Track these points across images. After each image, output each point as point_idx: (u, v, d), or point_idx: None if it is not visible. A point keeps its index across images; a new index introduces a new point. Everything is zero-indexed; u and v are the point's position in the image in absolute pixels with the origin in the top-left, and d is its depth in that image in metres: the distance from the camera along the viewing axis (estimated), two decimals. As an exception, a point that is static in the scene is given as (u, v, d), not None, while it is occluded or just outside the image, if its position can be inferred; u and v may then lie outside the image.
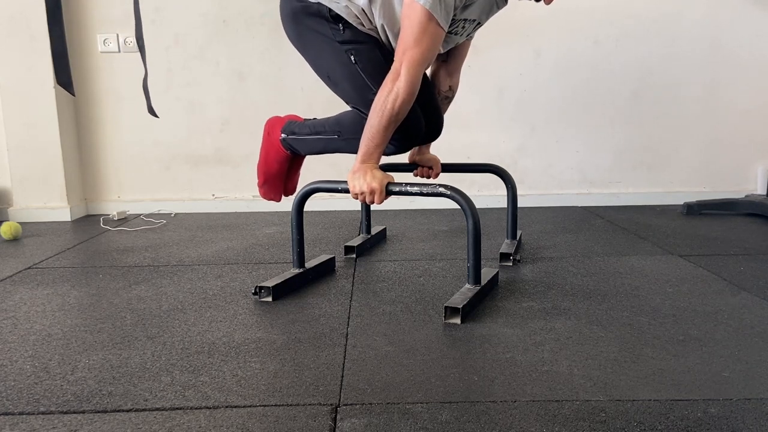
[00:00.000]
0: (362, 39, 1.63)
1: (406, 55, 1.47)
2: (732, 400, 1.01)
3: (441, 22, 1.47)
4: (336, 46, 1.63)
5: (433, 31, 1.47)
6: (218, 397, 1.05)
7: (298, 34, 1.71)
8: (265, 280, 1.63)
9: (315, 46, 1.68)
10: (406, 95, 1.48)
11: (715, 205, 2.65)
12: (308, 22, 1.66)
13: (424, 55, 1.48)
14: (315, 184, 1.63)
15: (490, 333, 1.31)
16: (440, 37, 1.51)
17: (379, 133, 1.51)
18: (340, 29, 1.62)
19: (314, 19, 1.65)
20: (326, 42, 1.64)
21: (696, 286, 1.62)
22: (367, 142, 1.53)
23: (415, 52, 1.47)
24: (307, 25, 1.67)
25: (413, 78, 1.48)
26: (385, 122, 1.49)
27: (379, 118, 1.49)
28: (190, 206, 2.87)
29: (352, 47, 1.62)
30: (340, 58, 1.63)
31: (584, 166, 2.89)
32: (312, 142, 1.77)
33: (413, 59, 1.47)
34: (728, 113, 2.86)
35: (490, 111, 2.84)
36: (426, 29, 1.46)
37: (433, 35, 1.48)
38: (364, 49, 1.62)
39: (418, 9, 1.45)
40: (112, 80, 2.77)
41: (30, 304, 1.55)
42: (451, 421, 0.96)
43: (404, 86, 1.47)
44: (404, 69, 1.47)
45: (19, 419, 0.99)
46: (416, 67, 1.48)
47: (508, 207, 2.04)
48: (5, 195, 2.77)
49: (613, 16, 2.77)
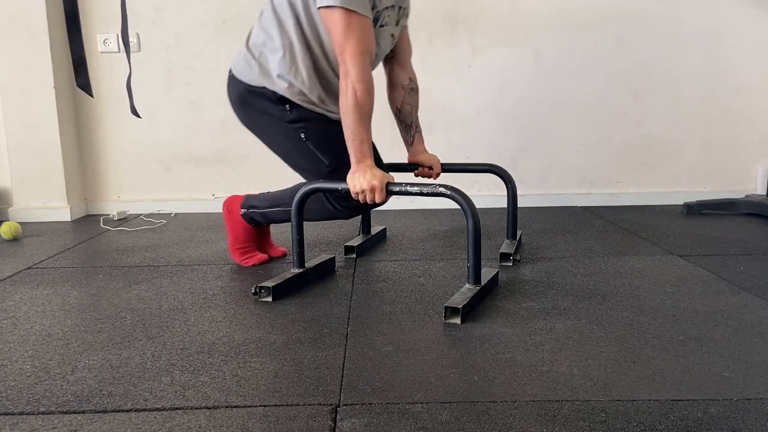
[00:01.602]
0: (310, 117, 1.70)
1: (345, 52, 1.53)
2: (732, 400, 1.01)
3: (360, 10, 1.53)
4: (286, 126, 1.70)
5: (358, 21, 1.53)
6: (218, 397, 1.05)
7: (248, 117, 1.79)
8: (265, 280, 1.63)
9: (266, 127, 1.75)
10: (362, 84, 1.54)
11: (715, 205, 2.65)
12: (257, 104, 1.73)
13: (360, 46, 1.54)
14: (315, 185, 1.63)
15: (490, 333, 1.31)
16: (368, 25, 1.57)
17: (358, 130, 1.55)
18: (287, 110, 1.70)
19: (262, 101, 1.71)
20: (276, 123, 1.71)
21: (696, 286, 1.62)
22: (353, 143, 1.57)
23: (351, 45, 1.53)
24: (256, 107, 1.74)
25: (361, 68, 1.53)
26: (357, 117, 1.54)
27: (350, 117, 1.55)
28: (190, 206, 2.87)
29: (302, 125, 1.69)
30: (292, 136, 1.69)
31: (584, 166, 2.89)
32: (272, 214, 1.82)
33: (353, 52, 1.53)
34: (728, 113, 2.86)
35: (490, 111, 2.84)
36: (350, 24, 1.52)
37: (360, 25, 1.54)
38: (312, 126, 1.69)
39: (335, 11, 1.52)
40: (112, 80, 2.77)
41: (30, 304, 1.55)
42: (451, 421, 0.96)
43: (356, 77, 1.53)
44: (349, 64, 1.53)
45: (19, 419, 0.99)
46: (359, 57, 1.53)
47: (508, 207, 2.04)
48: (5, 195, 2.77)
49: (613, 16, 2.77)
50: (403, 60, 1.93)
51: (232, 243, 1.90)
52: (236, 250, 1.90)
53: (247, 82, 1.73)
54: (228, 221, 1.89)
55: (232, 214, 1.88)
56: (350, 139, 1.57)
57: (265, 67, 1.70)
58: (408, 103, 1.95)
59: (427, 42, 2.78)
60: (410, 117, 1.97)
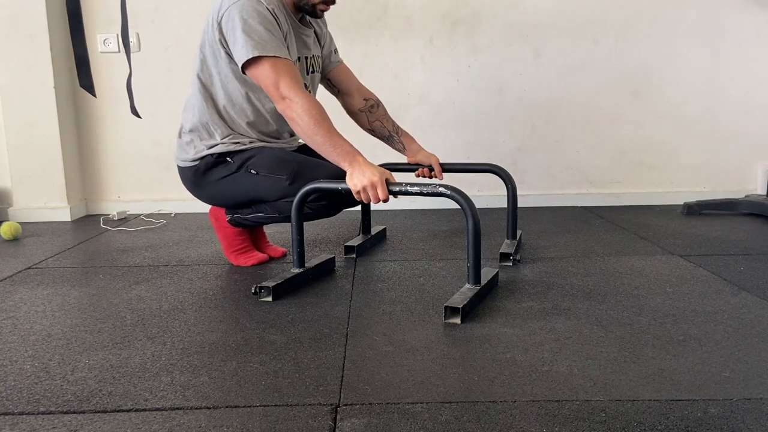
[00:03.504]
0: (251, 153, 1.75)
1: (281, 86, 1.60)
2: (732, 400, 1.01)
3: (280, 54, 1.61)
4: (237, 176, 1.75)
5: (283, 63, 1.61)
6: (218, 397, 1.05)
7: (208, 195, 1.85)
8: (265, 280, 1.63)
9: (225, 190, 1.80)
10: (309, 103, 1.59)
11: (715, 205, 2.65)
12: (207, 179, 1.79)
13: (292, 78, 1.61)
14: (315, 185, 1.63)
15: (490, 333, 1.31)
16: (293, 66, 1.64)
17: (332, 139, 1.59)
18: (230, 161, 1.76)
19: (209, 173, 1.78)
20: (229, 181, 1.77)
21: (696, 286, 1.62)
22: (335, 152, 1.59)
23: (284, 80, 1.60)
24: (207, 182, 1.80)
25: (301, 92, 1.61)
26: (323, 131, 1.58)
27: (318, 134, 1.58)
28: (190, 206, 2.86)
29: (248, 164, 1.73)
30: (247, 179, 1.73)
31: (584, 166, 2.89)
32: (257, 218, 1.83)
33: (288, 84, 1.60)
34: (728, 113, 2.85)
35: (490, 111, 2.84)
36: (276, 66, 1.60)
37: (286, 65, 1.62)
38: (255, 159, 1.75)
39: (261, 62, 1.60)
40: (112, 80, 2.77)
41: (30, 304, 1.55)
42: (451, 421, 0.96)
43: (301, 101, 1.59)
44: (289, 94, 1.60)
45: (19, 419, 0.99)
46: (295, 86, 1.61)
47: (508, 207, 2.04)
48: (5, 195, 2.77)
49: (613, 16, 2.77)
50: (348, 89, 1.99)
51: (225, 249, 1.91)
52: (232, 254, 1.90)
53: (189, 163, 1.79)
54: (217, 229, 1.91)
55: (219, 221, 1.89)
56: (330, 151, 1.59)
57: (197, 144, 1.78)
58: (375, 120, 2.00)
59: (427, 42, 2.77)
60: (385, 130, 2.00)
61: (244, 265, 1.88)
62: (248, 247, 1.92)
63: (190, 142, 1.80)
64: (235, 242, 1.89)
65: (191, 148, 1.79)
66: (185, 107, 1.84)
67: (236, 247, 1.90)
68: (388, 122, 2.00)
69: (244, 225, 1.86)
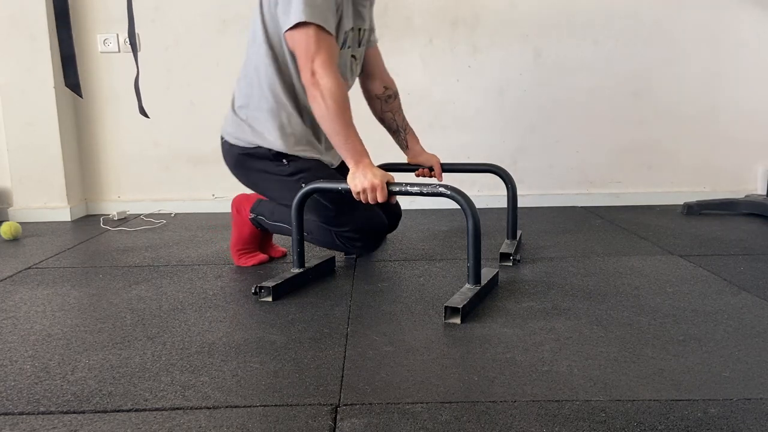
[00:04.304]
0: (307, 166, 1.75)
1: (316, 61, 1.56)
2: (732, 400, 1.01)
3: (327, 27, 1.57)
4: (286, 180, 1.73)
5: (326, 38, 1.58)
6: (218, 397, 1.05)
7: (249, 179, 1.83)
8: (265, 280, 1.63)
9: (268, 184, 1.79)
10: (335, 87, 1.55)
11: (715, 205, 2.65)
12: (254, 165, 1.77)
13: (329, 55, 1.57)
14: (315, 185, 1.63)
15: (490, 333, 1.31)
16: (334, 43, 1.60)
17: (347, 131, 1.57)
18: (285, 164, 1.74)
19: (258, 161, 1.76)
20: (276, 179, 1.75)
21: (696, 286, 1.62)
22: (345, 146, 1.58)
23: (321, 55, 1.55)
24: (254, 168, 1.78)
25: (333, 74, 1.55)
26: (342, 122, 1.56)
27: (336, 122, 1.57)
28: (190, 206, 2.87)
29: (301, 176, 1.73)
30: (294, 188, 1.70)
31: (584, 166, 2.89)
32: (278, 229, 1.84)
33: (324, 60, 1.55)
34: (728, 113, 2.86)
35: (490, 111, 2.84)
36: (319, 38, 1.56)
37: (328, 41, 1.58)
38: (311, 175, 1.72)
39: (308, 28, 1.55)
40: (112, 80, 2.77)
41: (30, 304, 1.56)
42: (451, 421, 0.96)
43: (327, 81, 1.55)
44: (318, 69, 1.55)
45: (19, 419, 0.99)
46: (328, 63, 1.55)
47: (508, 207, 2.04)
48: (5, 195, 2.77)
49: (613, 16, 2.77)
50: (373, 72, 1.96)
51: (235, 243, 1.90)
52: (237, 251, 1.90)
53: (241, 146, 1.77)
54: (236, 221, 1.89)
55: (241, 215, 1.87)
56: (341, 143, 1.58)
57: (255, 127, 1.74)
58: (388, 110, 1.98)
59: (427, 42, 2.77)
60: (394, 123, 1.99)
61: (244, 266, 1.88)
62: (254, 249, 1.91)
63: (244, 121, 1.75)
64: (245, 241, 1.88)
65: (245, 131, 1.75)
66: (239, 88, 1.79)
67: (245, 245, 1.89)
68: (399, 116, 1.99)
69: (262, 228, 1.87)
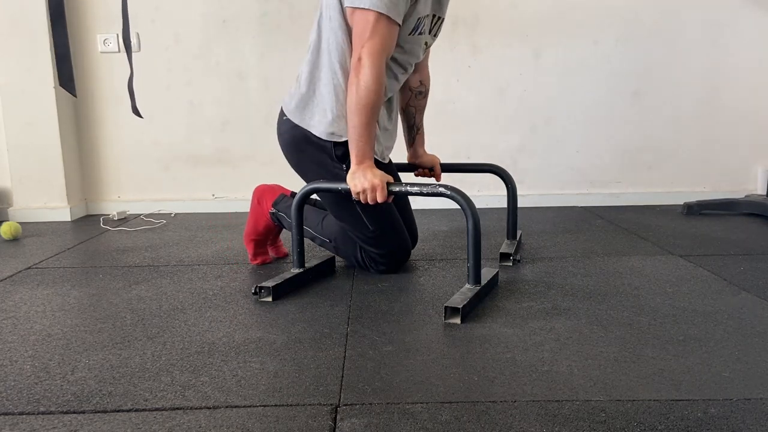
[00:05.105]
0: None
1: (366, 46, 1.50)
2: (732, 400, 1.01)
3: (393, 15, 1.51)
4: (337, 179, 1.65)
5: (387, 24, 1.52)
6: (218, 397, 1.05)
7: (298, 161, 1.75)
8: (265, 280, 1.63)
9: (316, 176, 1.70)
10: (373, 83, 1.51)
11: (715, 205, 2.65)
12: (311, 152, 1.69)
13: (381, 45, 1.52)
14: (315, 185, 1.63)
15: (490, 333, 1.31)
16: (395, 32, 1.55)
17: (365, 130, 1.53)
18: (344, 169, 1.66)
19: (317, 152, 1.69)
20: (328, 174, 1.68)
21: (696, 286, 1.62)
22: (357, 143, 1.55)
23: (374, 42, 1.50)
24: (309, 154, 1.70)
25: (378, 66, 1.51)
26: (365, 119, 1.52)
27: (358, 116, 1.52)
28: (190, 206, 2.87)
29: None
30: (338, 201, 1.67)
31: (584, 166, 2.89)
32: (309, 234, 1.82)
33: (374, 49, 1.50)
34: (728, 113, 2.85)
35: (490, 111, 2.84)
36: (378, 25, 1.50)
37: (389, 29, 1.52)
38: None
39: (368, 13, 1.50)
40: (112, 80, 2.77)
41: (30, 304, 1.55)
42: (451, 421, 0.95)
43: (369, 74, 1.50)
44: (365, 57, 1.50)
45: (19, 419, 0.98)
46: (376, 55, 1.51)
47: (508, 207, 2.04)
48: (5, 195, 2.77)
49: (613, 16, 2.77)
50: (419, 65, 1.90)
51: (249, 233, 1.89)
52: (251, 241, 1.89)
53: (310, 131, 1.68)
54: (254, 211, 1.88)
55: (261, 206, 1.86)
56: (355, 137, 1.55)
57: (318, 104, 1.66)
58: (413, 105, 1.95)
59: (427, 42, 2.77)
60: (413, 118, 1.97)
61: (249, 261, 1.89)
62: (265, 242, 1.91)
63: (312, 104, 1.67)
64: (261, 231, 1.88)
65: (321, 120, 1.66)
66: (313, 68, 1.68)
67: (258, 235, 1.88)
68: (419, 115, 1.97)
69: (280, 224, 1.86)
